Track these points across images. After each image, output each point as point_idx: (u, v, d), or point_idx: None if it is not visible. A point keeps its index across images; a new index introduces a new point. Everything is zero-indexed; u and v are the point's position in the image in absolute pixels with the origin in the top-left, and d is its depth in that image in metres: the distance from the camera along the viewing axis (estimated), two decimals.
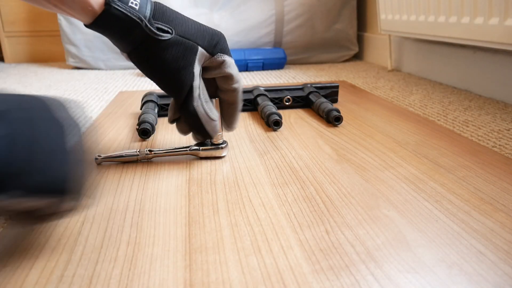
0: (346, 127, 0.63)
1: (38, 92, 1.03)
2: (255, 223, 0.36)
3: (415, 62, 1.18)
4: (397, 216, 0.37)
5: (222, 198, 0.41)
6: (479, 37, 0.78)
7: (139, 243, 0.33)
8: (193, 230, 0.35)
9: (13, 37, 1.63)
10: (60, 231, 0.35)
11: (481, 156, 0.51)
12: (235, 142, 0.58)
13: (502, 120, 0.70)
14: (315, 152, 0.53)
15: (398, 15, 1.10)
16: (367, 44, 1.47)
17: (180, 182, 0.45)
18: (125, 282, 0.29)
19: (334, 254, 0.31)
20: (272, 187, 0.43)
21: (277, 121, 0.62)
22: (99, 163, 0.51)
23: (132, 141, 0.59)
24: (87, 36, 1.36)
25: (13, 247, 0.33)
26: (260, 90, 0.75)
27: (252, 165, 0.49)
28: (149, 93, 0.74)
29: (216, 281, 0.29)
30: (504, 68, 0.83)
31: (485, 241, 0.33)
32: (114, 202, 0.41)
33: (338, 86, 0.78)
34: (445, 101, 0.85)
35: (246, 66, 1.30)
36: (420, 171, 0.47)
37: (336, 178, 0.45)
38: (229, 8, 1.38)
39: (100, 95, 0.98)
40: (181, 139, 0.60)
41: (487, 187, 0.42)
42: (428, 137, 0.58)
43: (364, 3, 1.47)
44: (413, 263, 0.30)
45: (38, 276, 0.30)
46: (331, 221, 0.36)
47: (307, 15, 1.39)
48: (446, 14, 0.88)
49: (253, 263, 0.31)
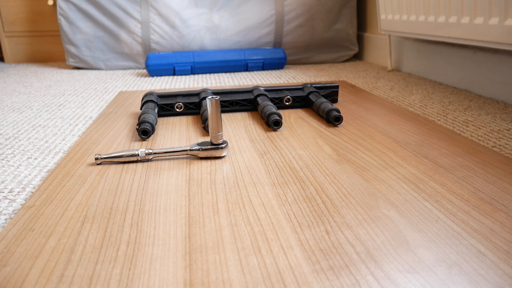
0: (346, 127, 0.63)
1: (38, 92, 1.03)
2: (255, 223, 0.36)
3: (415, 62, 1.18)
4: (397, 216, 0.37)
5: (222, 198, 0.41)
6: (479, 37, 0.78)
7: (139, 243, 0.33)
8: (193, 230, 0.35)
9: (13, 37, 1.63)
10: (60, 231, 0.35)
11: (481, 156, 0.51)
12: (235, 142, 0.58)
13: (502, 120, 0.70)
14: (315, 152, 0.53)
15: (398, 15, 1.10)
16: (367, 44, 1.47)
17: (180, 182, 0.45)
18: (125, 282, 0.29)
19: (334, 254, 0.31)
20: (272, 187, 0.43)
21: (277, 121, 0.62)
22: (99, 163, 0.51)
23: (132, 141, 0.59)
24: (87, 36, 1.36)
25: (13, 247, 0.33)
26: (260, 90, 0.75)
27: (252, 165, 0.49)
28: (149, 93, 0.74)
29: (216, 281, 0.29)
30: (504, 68, 0.83)
31: (485, 241, 0.33)
32: (114, 202, 0.41)
33: (338, 86, 0.78)
34: (445, 101, 0.85)
35: (246, 66, 1.30)
36: (420, 171, 0.47)
37: (336, 178, 0.45)
38: (229, 8, 1.38)
39: (100, 95, 0.98)
40: (181, 139, 0.60)
41: (487, 187, 0.42)
42: (428, 137, 0.58)
43: (364, 3, 1.47)
44: (413, 263, 0.30)
45: (38, 276, 0.30)
46: (331, 221, 0.36)
47: (307, 15, 1.39)
48: (446, 14, 0.88)
49: (253, 263, 0.31)
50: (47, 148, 0.62)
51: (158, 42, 1.35)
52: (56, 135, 0.68)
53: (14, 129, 0.72)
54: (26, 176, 0.52)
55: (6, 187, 0.49)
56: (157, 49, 1.36)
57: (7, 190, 0.48)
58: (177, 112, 0.73)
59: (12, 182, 0.50)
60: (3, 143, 0.65)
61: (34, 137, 0.67)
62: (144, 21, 1.34)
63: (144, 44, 1.35)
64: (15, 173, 0.53)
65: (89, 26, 1.35)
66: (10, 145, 0.64)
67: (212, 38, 1.37)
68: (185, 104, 0.73)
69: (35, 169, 0.54)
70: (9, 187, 0.49)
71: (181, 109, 0.73)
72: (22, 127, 0.74)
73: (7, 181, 0.50)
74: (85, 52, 1.37)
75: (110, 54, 1.37)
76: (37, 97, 0.98)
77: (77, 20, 1.35)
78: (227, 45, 1.38)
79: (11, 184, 0.50)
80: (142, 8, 1.34)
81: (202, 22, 1.36)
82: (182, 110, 0.73)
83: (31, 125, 0.74)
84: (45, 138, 0.67)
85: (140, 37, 1.35)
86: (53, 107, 0.87)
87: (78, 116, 0.80)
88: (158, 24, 1.34)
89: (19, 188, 0.48)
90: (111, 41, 1.35)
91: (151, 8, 1.34)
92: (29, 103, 0.92)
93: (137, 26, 1.34)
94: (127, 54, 1.37)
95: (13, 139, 0.67)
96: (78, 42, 1.36)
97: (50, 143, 0.64)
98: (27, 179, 0.51)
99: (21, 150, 0.61)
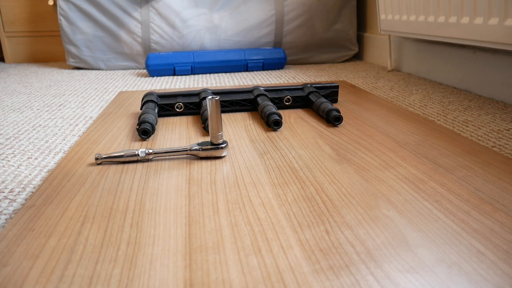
0: (346, 127, 0.63)
1: (38, 92, 1.03)
2: (255, 223, 0.36)
3: (415, 62, 1.18)
4: (397, 216, 0.37)
5: (222, 198, 0.41)
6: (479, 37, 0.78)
7: (139, 243, 0.33)
8: (193, 230, 0.35)
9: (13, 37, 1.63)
10: (60, 231, 0.35)
11: (481, 156, 0.51)
12: (235, 142, 0.58)
13: (501, 120, 0.70)
14: (315, 152, 0.53)
15: (398, 15, 1.10)
16: (367, 44, 1.47)
17: (180, 182, 0.45)
18: (125, 282, 0.29)
19: (334, 254, 0.31)
20: (272, 187, 0.43)
21: (277, 121, 0.62)
22: (99, 163, 0.51)
23: (132, 141, 0.59)
24: (87, 36, 1.36)
25: (14, 247, 0.33)
26: (260, 90, 0.75)
27: (252, 165, 0.49)
28: (149, 93, 0.74)
29: (216, 281, 0.29)
30: (504, 68, 0.83)
31: (485, 241, 0.33)
32: (114, 202, 0.41)
33: (338, 86, 0.78)
34: (445, 101, 0.85)
35: (246, 66, 1.30)
36: (420, 171, 0.47)
37: (336, 178, 0.45)
38: (229, 8, 1.38)
39: (100, 95, 0.98)
40: (181, 139, 0.60)
41: (487, 187, 0.43)
42: (428, 137, 0.58)
43: (364, 3, 1.47)
44: (413, 263, 0.30)
45: (38, 276, 0.30)
46: (331, 221, 0.36)
47: (307, 15, 1.39)
48: (446, 14, 0.88)
49: (253, 263, 0.31)
50: (47, 148, 0.62)
51: (158, 42, 1.35)
52: (56, 135, 0.68)
53: (14, 129, 0.72)
54: (27, 176, 0.52)
55: (6, 187, 0.49)
56: (157, 49, 1.36)
57: (8, 190, 0.48)
58: (177, 112, 0.73)
59: (13, 182, 0.50)
60: (4, 143, 0.65)
61: (35, 137, 0.67)
62: (144, 21, 1.34)
63: (144, 44, 1.35)
64: (16, 173, 0.53)
65: (89, 26, 1.35)
66: (10, 145, 0.64)
67: (212, 38, 1.37)
68: (185, 104, 0.73)
69: (35, 169, 0.54)
70: (10, 187, 0.49)
71: (181, 109, 0.73)
72: (23, 127, 0.74)
73: (7, 181, 0.51)
74: (85, 52, 1.37)
75: (110, 54, 1.37)
76: (37, 97, 0.98)
77: (78, 20, 1.35)
78: (227, 45, 1.38)
79: (11, 184, 0.50)
80: (142, 8, 1.34)
81: (202, 22, 1.36)
82: (182, 110, 0.73)
83: (31, 125, 0.74)
84: (45, 138, 0.67)
85: (140, 37, 1.35)
86: (53, 107, 0.88)
87: (78, 116, 0.80)
88: (158, 24, 1.34)
89: (20, 188, 0.48)
90: (111, 41, 1.36)
91: (151, 8, 1.34)
92: (30, 103, 0.92)
93: (137, 26, 1.34)
94: (127, 54, 1.37)
95: (14, 139, 0.67)
96: (78, 42, 1.36)
97: (50, 143, 0.64)
98: (27, 179, 0.51)
99: (22, 150, 0.61)
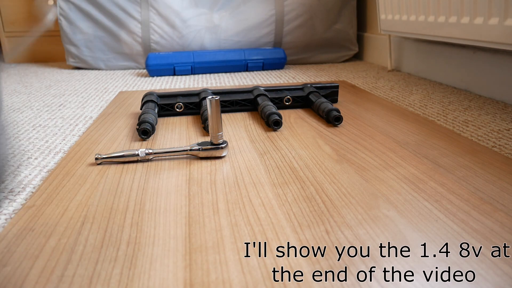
0: (346, 127, 0.63)
1: (38, 92, 1.03)
2: (255, 223, 0.36)
3: (415, 62, 1.18)
4: (397, 216, 0.37)
5: (222, 198, 0.41)
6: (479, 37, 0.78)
7: (139, 243, 0.33)
8: (193, 230, 0.35)
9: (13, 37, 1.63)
10: (60, 231, 0.35)
11: (481, 156, 0.51)
12: (235, 142, 0.58)
13: (502, 120, 0.70)
14: (315, 152, 0.53)
15: (398, 15, 1.10)
16: (367, 44, 1.47)
17: (180, 182, 0.45)
18: (125, 282, 0.29)
19: (334, 254, 0.31)
20: (272, 187, 0.43)
21: (277, 121, 0.62)
22: (99, 163, 0.51)
23: (132, 141, 0.59)
24: (87, 36, 1.36)
25: (14, 247, 0.33)
26: (260, 90, 0.75)
27: (252, 165, 0.49)
28: (149, 93, 0.74)
29: (216, 281, 0.29)
30: (504, 68, 0.83)
31: (485, 241, 0.33)
32: (114, 202, 0.41)
33: (338, 86, 0.78)
34: (445, 101, 0.85)
35: (246, 66, 1.30)
36: (420, 171, 0.47)
37: (336, 178, 0.45)
38: (229, 8, 1.38)
39: (100, 95, 0.98)
40: (181, 139, 0.60)
41: (487, 187, 0.43)
42: (428, 137, 0.58)
43: (364, 3, 1.47)
44: (413, 263, 0.30)
45: (38, 276, 0.30)
46: (331, 221, 0.36)
47: (307, 15, 1.39)
48: (446, 14, 0.88)
49: (253, 263, 0.31)
50: (47, 148, 0.62)
51: (158, 42, 1.35)
52: (56, 135, 0.68)
53: (14, 129, 0.72)
54: (26, 176, 0.52)
55: (6, 187, 0.49)
56: (157, 49, 1.36)
57: (7, 190, 0.48)
58: (177, 112, 0.73)
59: (12, 182, 0.50)
60: None
61: (34, 137, 0.67)
62: (144, 21, 1.34)
63: (144, 44, 1.35)
64: (15, 173, 0.53)
65: (89, 26, 1.35)
66: (10, 145, 0.64)
67: (212, 38, 1.37)
68: (185, 104, 0.73)
69: (35, 169, 0.54)
70: (9, 187, 0.49)
71: (181, 109, 0.73)
72: (22, 127, 0.74)
73: (7, 181, 0.50)
74: (85, 52, 1.37)
75: (110, 54, 1.37)
76: (37, 97, 0.98)
77: (77, 20, 1.35)
78: (227, 45, 1.38)
79: (11, 184, 0.50)
80: (142, 8, 1.34)
81: (202, 22, 1.36)
82: (182, 110, 0.73)
83: (31, 125, 0.74)
84: (45, 138, 0.67)
85: (140, 37, 1.35)
86: (53, 107, 0.88)
87: (78, 116, 0.80)
88: (158, 24, 1.34)
89: (19, 188, 0.48)
90: (111, 41, 1.35)
91: (151, 8, 1.34)
92: (29, 103, 0.92)
93: (137, 26, 1.34)
94: (127, 54, 1.37)
95: (13, 139, 0.67)
96: (78, 42, 1.36)
97: (50, 143, 0.64)
98: (27, 179, 0.51)
99: (21, 150, 0.61)
